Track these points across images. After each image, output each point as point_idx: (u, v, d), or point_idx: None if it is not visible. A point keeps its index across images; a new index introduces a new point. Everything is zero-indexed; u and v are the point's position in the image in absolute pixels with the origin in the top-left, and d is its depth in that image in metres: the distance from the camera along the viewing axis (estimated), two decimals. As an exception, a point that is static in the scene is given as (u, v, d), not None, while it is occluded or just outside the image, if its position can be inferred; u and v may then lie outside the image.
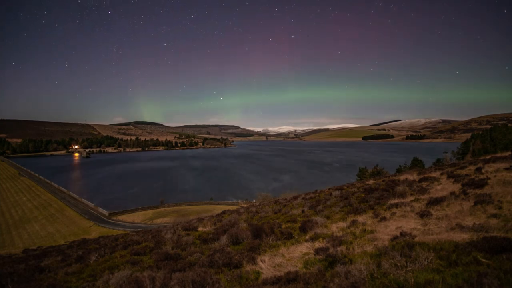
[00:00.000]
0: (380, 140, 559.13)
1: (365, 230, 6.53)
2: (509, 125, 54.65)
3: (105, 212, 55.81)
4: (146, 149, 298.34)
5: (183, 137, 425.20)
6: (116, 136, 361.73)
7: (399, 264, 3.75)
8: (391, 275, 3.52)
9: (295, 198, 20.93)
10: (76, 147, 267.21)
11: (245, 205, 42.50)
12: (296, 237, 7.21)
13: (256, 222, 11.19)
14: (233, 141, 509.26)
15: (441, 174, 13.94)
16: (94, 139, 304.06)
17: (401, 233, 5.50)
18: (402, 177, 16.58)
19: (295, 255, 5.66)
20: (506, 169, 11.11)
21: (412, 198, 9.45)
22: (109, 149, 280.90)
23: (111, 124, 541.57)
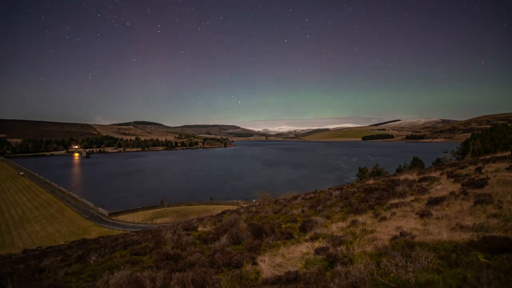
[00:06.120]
0: (380, 140, 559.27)
1: (365, 230, 6.53)
2: (509, 125, 54.63)
3: (105, 212, 55.78)
4: (146, 149, 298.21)
5: (183, 137, 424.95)
6: (116, 136, 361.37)
7: (399, 264, 3.75)
8: (391, 275, 3.51)
9: (295, 198, 20.93)
10: (76, 147, 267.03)
11: (245, 205, 42.50)
12: (296, 237, 7.21)
13: (256, 222, 11.18)
14: (233, 141, 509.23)
15: (441, 174, 13.93)
16: (94, 139, 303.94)
17: (401, 233, 5.51)
18: (402, 177, 16.57)
19: (295, 255, 5.66)
20: (506, 169, 11.11)
21: (412, 198, 9.45)
22: (109, 149, 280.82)
23: (111, 124, 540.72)
